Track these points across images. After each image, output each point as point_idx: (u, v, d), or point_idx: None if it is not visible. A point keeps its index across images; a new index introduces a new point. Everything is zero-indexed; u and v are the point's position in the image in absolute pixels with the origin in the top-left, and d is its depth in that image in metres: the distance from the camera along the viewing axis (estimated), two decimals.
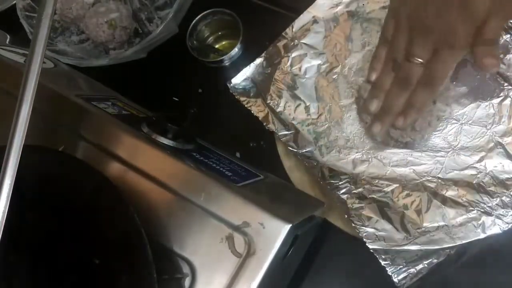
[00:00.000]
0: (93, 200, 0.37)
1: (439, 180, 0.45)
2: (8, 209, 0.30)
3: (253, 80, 0.52)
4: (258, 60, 0.53)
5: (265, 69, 0.52)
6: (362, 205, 0.45)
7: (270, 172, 0.49)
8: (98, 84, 0.58)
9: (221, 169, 0.43)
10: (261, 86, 0.52)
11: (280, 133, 0.50)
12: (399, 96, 0.44)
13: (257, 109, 0.51)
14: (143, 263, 0.33)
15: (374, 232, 0.44)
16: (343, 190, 0.47)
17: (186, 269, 0.37)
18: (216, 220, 0.37)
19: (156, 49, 0.60)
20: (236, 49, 0.54)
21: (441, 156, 0.46)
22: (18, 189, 0.30)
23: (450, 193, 0.45)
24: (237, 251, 0.36)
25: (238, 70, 0.54)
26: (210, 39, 0.60)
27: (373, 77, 0.47)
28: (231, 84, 0.52)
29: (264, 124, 0.50)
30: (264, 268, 0.35)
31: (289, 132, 0.50)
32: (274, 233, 0.35)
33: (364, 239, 0.44)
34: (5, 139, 0.31)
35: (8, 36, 0.64)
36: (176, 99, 0.60)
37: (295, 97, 0.51)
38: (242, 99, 0.52)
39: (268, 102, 0.51)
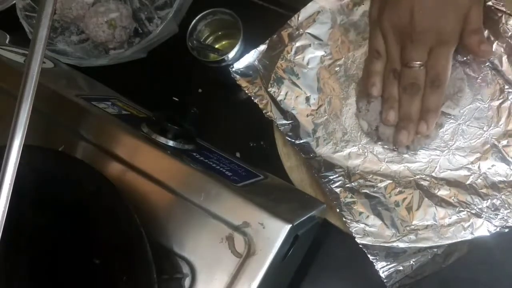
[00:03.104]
0: (93, 200, 0.37)
1: (432, 179, 0.46)
2: (8, 209, 0.30)
3: (256, 66, 0.52)
4: (262, 47, 0.52)
5: (268, 56, 0.52)
6: (354, 199, 0.46)
7: (270, 172, 0.49)
8: (98, 84, 0.58)
9: (221, 169, 0.43)
10: (263, 73, 0.52)
11: (278, 122, 0.50)
12: (412, 102, 0.45)
13: (257, 96, 0.51)
14: (143, 263, 0.33)
15: (364, 227, 0.44)
16: (337, 184, 0.47)
17: (186, 269, 0.37)
18: (216, 220, 0.37)
19: (156, 49, 0.60)
20: (236, 49, 0.54)
21: (436, 155, 0.46)
22: (18, 189, 0.30)
23: (442, 192, 0.45)
24: (237, 251, 0.36)
25: None
26: (210, 39, 0.60)
27: (375, 92, 0.47)
28: (233, 69, 0.52)
29: (264, 112, 0.50)
30: (264, 268, 0.35)
31: (288, 122, 0.50)
32: (274, 233, 0.35)
33: (354, 234, 0.44)
34: (5, 139, 0.31)
35: (8, 36, 0.64)
36: (176, 99, 0.60)
37: (296, 86, 0.51)
38: (243, 84, 0.51)
39: (269, 90, 0.51)
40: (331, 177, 0.47)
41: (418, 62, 0.43)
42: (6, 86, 0.44)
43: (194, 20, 0.56)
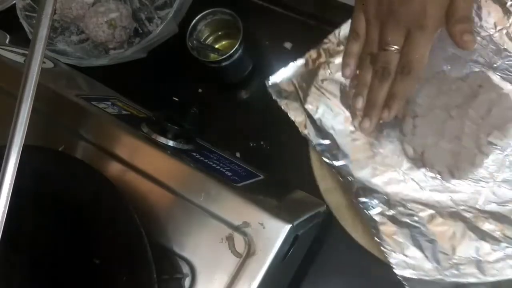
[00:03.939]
0: (93, 200, 0.37)
1: (476, 211, 0.43)
2: (8, 209, 0.30)
3: (292, 81, 0.49)
4: (300, 61, 0.49)
5: (305, 71, 0.49)
6: (394, 229, 0.43)
7: (270, 172, 0.49)
8: (98, 84, 0.58)
9: (221, 169, 0.43)
10: (299, 89, 0.48)
11: (315, 142, 0.46)
12: (380, 88, 0.44)
13: (293, 113, 0.48)
14: (143, 263, 0.33)
15: (404, 259, 0.42)
16: (376, 211, 0.44)
17: (186, 269, 0.37)
18: (216, 220, 0.37)
19: (156, 49, 0.60)
20: (236, 49, 0.54)
21: (481, 187, 0.43)
22: (18, 189, 0.30)
23: (486, 226, 0.42)
24: (237, 251, 0.36)
25: (237, 70, 0.53)
26: (210, 39, 0.60)
27: (347, 72, 0.47)
28: (270, 83, 0.49)
29: (300, 130, 0.47)
30: (264, 268, 0.35)
31: (325, 142, 0.46)
32: (274, 233, 0.35)
33: (393, 266, 0.41)
34: (5, 139, 0.31)
35: (8, 36, 0.64)
36: (176, 99, 0.60)
37: (335, 105, 0.47)
38: (279, 100, 0.49)
39: (306, 107, 0.47)
40: (369, 203, 0.44)
41: (394, 46, 0.42)
42: (6, 86, 0.44)
43: (194, 20, 0.56)
